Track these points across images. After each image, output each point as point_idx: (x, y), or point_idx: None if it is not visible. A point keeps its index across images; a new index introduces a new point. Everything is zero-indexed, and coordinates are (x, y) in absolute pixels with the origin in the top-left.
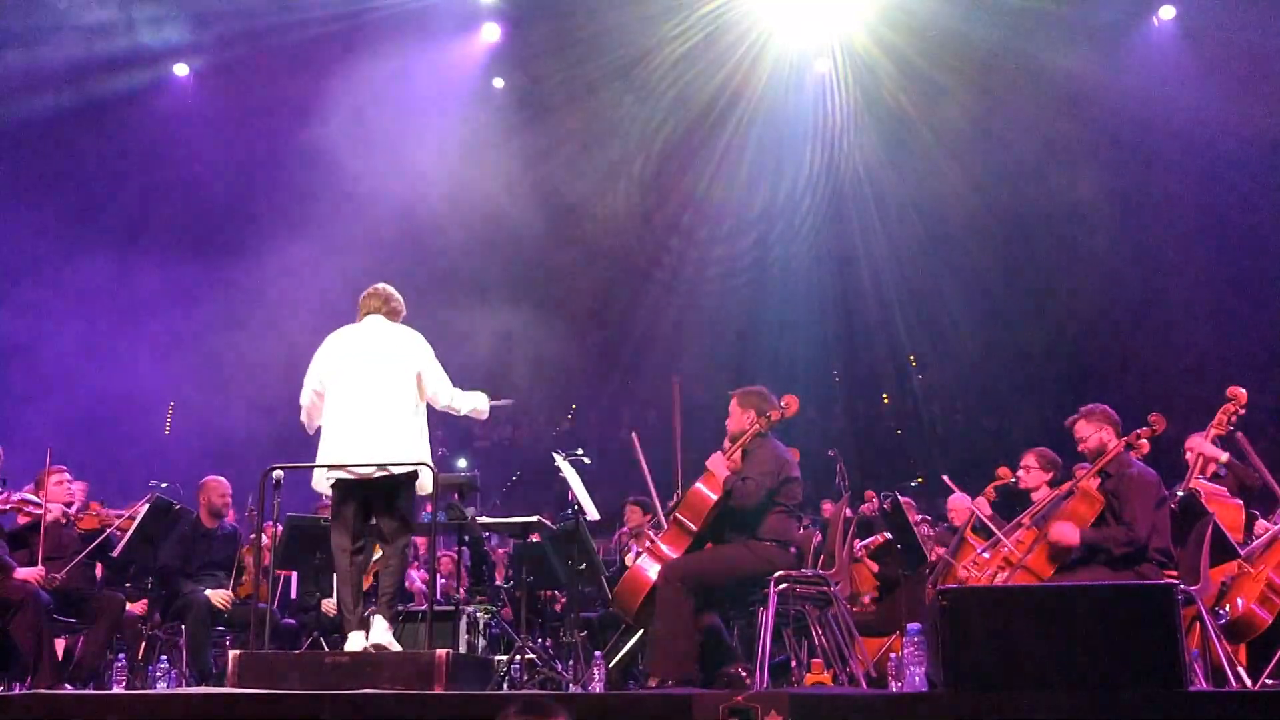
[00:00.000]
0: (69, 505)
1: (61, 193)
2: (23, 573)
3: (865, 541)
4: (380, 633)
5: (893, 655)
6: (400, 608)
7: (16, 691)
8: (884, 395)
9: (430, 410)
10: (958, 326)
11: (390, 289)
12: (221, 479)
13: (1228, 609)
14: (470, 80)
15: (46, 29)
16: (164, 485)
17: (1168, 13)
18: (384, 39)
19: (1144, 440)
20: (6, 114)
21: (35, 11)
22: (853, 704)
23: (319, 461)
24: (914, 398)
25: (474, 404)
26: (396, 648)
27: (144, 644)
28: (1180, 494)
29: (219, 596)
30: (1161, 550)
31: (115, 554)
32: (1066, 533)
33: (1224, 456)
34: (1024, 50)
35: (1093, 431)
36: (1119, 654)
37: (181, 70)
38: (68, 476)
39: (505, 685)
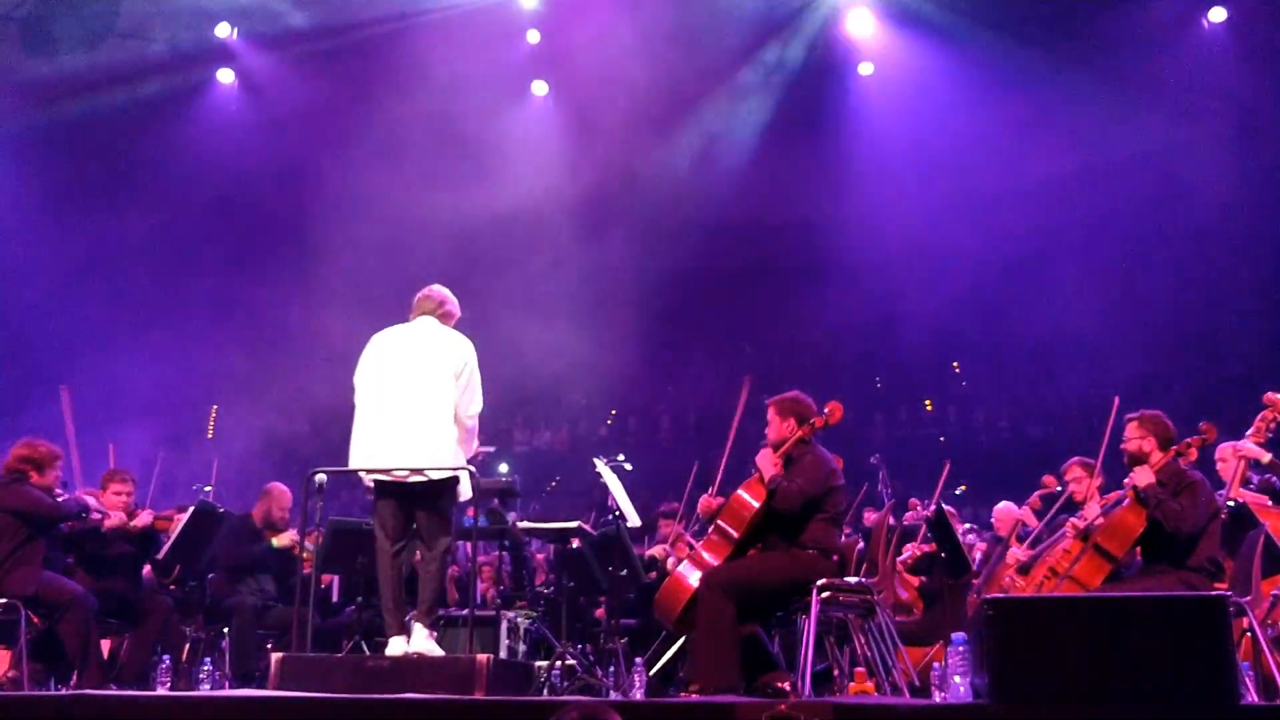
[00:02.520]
0: (125, 514)
1: (118, 192)
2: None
3: (902, 556)
4: (421, 640)
5: (935, 665)
6: (440, 612)
7: (63, 692)
8: (927, 402)
9: None
10: (1002, 332)
11: (446, 292)
12: (286, 490)
13: None
14: (513, 84)
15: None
16: (208, 489)
17: (1218, 15)
18: (427, 45)
19: (1193, 449)
20: (66, 113)
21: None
22: (898, 714)
23: (352, 456)
24: (958, 405)
25: (473, 442)
26: (438, 653)
27: (188, 646)
28: (1230, 504)
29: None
30: (1212, 560)
31: (160, 556)
32: (1141, 476)
33: (1267, 457)
34: (1070, 51)
35: (1137, 436)
36: (1169, 666)
37: (227, 77)
38: (129, 488)
39: (546, 691)
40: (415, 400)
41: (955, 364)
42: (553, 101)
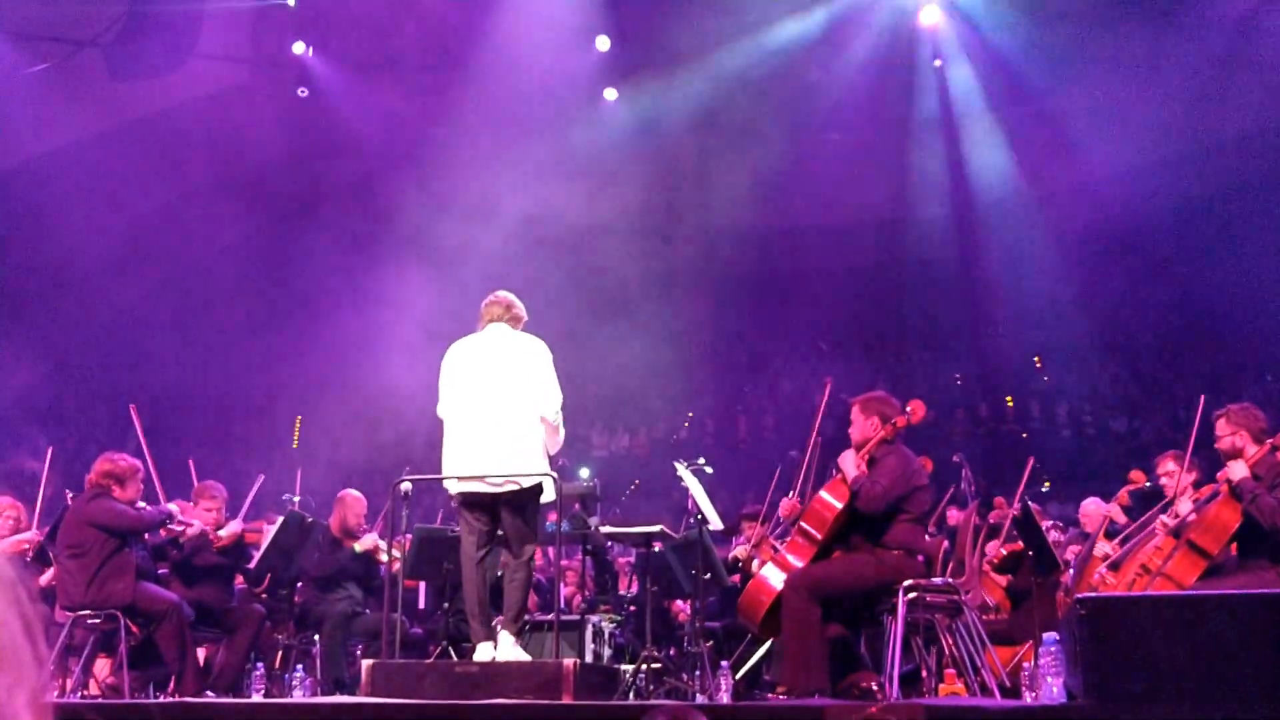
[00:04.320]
0: (212, 529)
1: (200, 210)
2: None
3: (988, 556)
4: (507, 649)
5: (1025, 665)
6: (526, 617)
7: (162, 699)
8: (1008, 398)
9: None
10: (1084, 326)
11: (511, 296)
12: (360, 496)
13: None
14: (584, 91)
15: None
16: (296, 499)
17: None
18: (498, 53)
19: None
20: (151, 130)
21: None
22: (992, 716)
23: (445, 469)
24: (1040, 400)
25: (558, 436)
26: (525, 658)
27: (280, 653)
28: None
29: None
30: None
31: (251, 566)
32: (1235, 470)
33: None
34: (1157, 36)
35: (1228, 433)
36: (1268, 666)
37: (303, 92)
38: (219, 503)
39: (632, 695)
40: (500, 409)
41: (1036, 359)
42: (623, 107)
